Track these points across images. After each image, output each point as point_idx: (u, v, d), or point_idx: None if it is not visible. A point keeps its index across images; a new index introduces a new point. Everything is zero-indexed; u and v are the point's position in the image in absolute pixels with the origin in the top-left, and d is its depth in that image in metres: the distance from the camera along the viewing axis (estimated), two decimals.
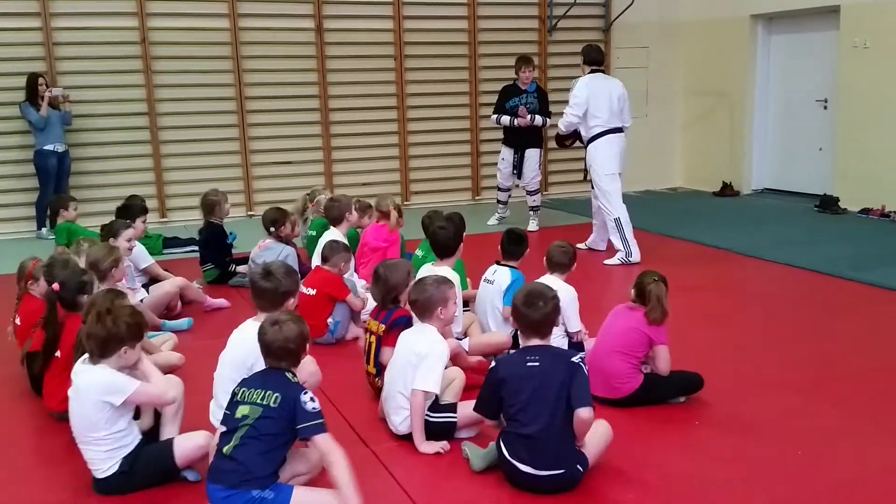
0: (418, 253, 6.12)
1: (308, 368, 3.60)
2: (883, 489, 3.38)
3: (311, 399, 3.12)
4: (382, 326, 4.22)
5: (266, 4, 10.03)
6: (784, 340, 5.39)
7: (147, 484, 3.42)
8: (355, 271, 6.28)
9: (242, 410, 3.12)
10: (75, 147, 9.38)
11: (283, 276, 3.64)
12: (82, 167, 9.49)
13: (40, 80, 8.90)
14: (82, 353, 3.72)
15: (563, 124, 7.78)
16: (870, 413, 4.12)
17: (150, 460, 3.42)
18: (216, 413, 3.62)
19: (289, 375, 3.21)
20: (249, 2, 9.95)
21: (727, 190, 11.34)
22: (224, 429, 3.17)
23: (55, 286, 4.17)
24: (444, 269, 4.82)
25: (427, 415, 3.73)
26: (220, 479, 3.07)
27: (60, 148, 9.01)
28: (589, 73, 7.64)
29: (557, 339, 4.49)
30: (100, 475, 3.38)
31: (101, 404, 3.29)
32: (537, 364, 3.34)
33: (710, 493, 3.37)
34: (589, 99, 7.47)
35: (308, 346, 3.32)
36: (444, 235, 4.95)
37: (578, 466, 3.33)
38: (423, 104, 10.87)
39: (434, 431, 3.72)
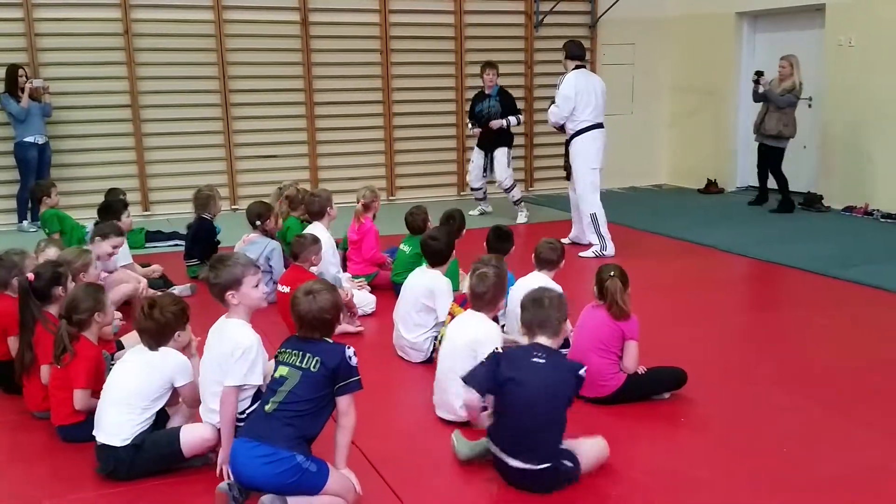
0: (404, 248, 6.10)
1: None
2: (868, 486, 3.40)
3: (354, 354, 3.20)
4: (461, 310, 4.31)
5: None
6: (768, 337, 5.41)
7: (151, 467, 3.44)
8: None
9: (281, 371, 3.20)
10: (57, 139, 9.29)
11: (224, 267, 3.53)
12: (64, 159, 9.39)
13: (20, 72, 8.79)
14: (62, 350, 3.71)
15: (551, 121, 7.87)
16: (854, 410, 4.13)
17: (157, 444, 3.46)
18: (208, 416, 3.60)
19: (326, 339, 3.27)
20: None
21: (712, 187, 11.38)
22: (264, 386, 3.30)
23: (30, 276, 4.12)
24: (436, 274, 4.81)
25: None
26: (260, 436, 3.09)
27: (41, 140, 8.93)
28: (573, 69, 7.67)
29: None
30: (115, 443, 3.40)
31: (166, 380, 3.49)
32: (542, 361, 3.35)
33: (696, 488, 3.38)
34: (577, 95, 7.51)
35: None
36: (436, 247, 4.92)
37: (565, 461, 3.33)
38: (409, 98, 10.83)
39: None
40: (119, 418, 3.43)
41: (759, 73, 9.60)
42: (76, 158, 9.48)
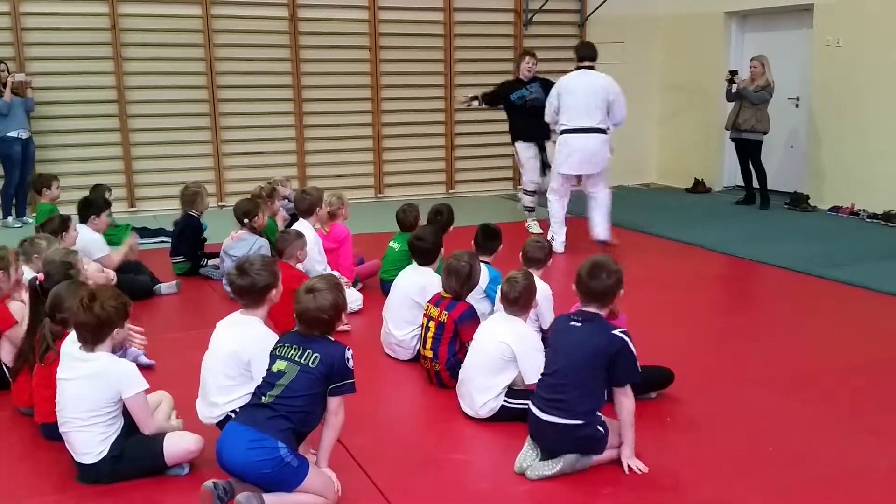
0: (393, 245, 6.07)
1: None
2: (854, 486, 3.40)
3: (352, 356, 3.23)
4: (446, 314, 4.33)
5: None
6: (754, 337, 5.43)
7: (133, 475, 3.39)
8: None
9: (279, 365, 3.19)
10: (42, 134, 9.23)
11: (259, 270, 3.58)
12: (48, 155, 9.33)
13: (1, 66, 8.73)
14: (46, 348, 3.68)
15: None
16: (841, 410, 4.15)
17: (140, 453, 3.39)
18: (204, 411, 3.60)
19: (327, 337, 3.28)
20: None
21: (699, 186, 11.41)
22: (260, 381, 3.29)
23: (40, 276, 4.10)
24: (427, 272, 4.81)
25: (505, 401, 3.87)
26: (254, 422, 3.09)
27: (24, 135, 8.86)
28: (575, 69, 7.57)
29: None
30: (90, 460, 3.33)
31: (114, 392, 3.31)
32: (579, 325, 3.49)
33: (682, 488, 3.38)
34: (559, 96, 7.48)
35: (344, 315, 3.38)
36: (423, 247, 4.94)
37: (599, 427, 3.42)
38: (398, 96, 10.81)
39: (512, 416, 3.81)
40: (83, 438, 3.33)
41: (734, 73, 9.93)
42: (61, 154, 9.41)
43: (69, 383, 3.35)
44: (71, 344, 3.41)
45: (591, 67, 7.51)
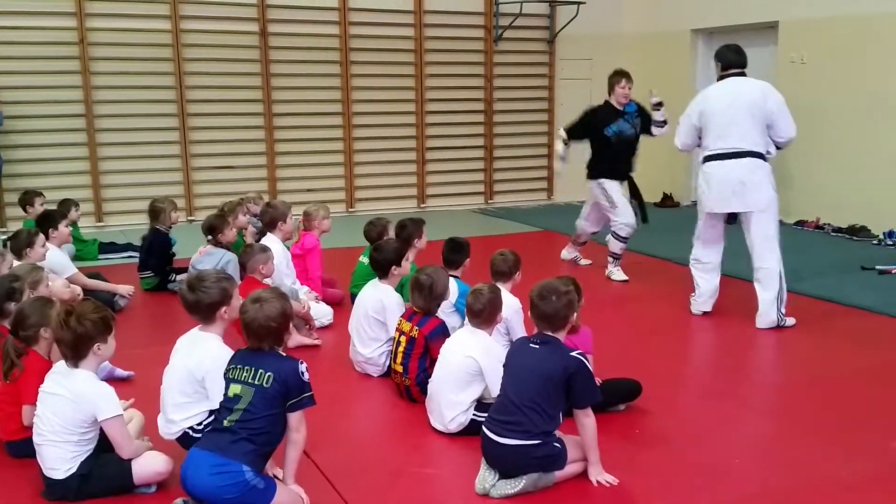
0: (363, 259, 6.07)
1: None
2: (820, 498, 3.44)
3: (307, 369, 3.18)
4: (417, 329, 4.32)
5: (209, 7, 9.89)
6: (722, 349, 5.49)
7: (100, 494, 3.34)
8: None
9: (234, 389, 3.15)
10: (7, 149, 9.12)
11: (208, 286, 3.49)
12: (16, 169, 9.23)
13: None
14: (10, 365, 3.62)
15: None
16: (807, 422, 4.19)
17: (108, 474, 3.33)
18: (164, 427, 3.57)
19: (278, 349, 3.24)
20: (192, 4, 9.81)
21: (667, 201, 11.53)
22: (215, 400, 3.29)
23: None
24: (388, 289, 4.80)
25: (474, 415, 3.86)
26: (217, 447, 3.06)
27: None
28: (719, 79, 6.14)
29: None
30: (59, 476, 3.28)
31: (88, 414, 3.25)
32: (537, 347, 3.49)
33: (651, 500, 3.40)
34: (702, 114, 5.95)
35: (291, 324, 3.34)
36: (377, 259, 4.90)
37: (556, 444, 3.40)
38: (369, 111, 10.83)
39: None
40: (55, 453, 3.28)
41: None
42: (28, 168, 9.30)
43: (50, 397, 3.31)
44: (61, 365, 3.38)
45: (742, 75, 6.07)
